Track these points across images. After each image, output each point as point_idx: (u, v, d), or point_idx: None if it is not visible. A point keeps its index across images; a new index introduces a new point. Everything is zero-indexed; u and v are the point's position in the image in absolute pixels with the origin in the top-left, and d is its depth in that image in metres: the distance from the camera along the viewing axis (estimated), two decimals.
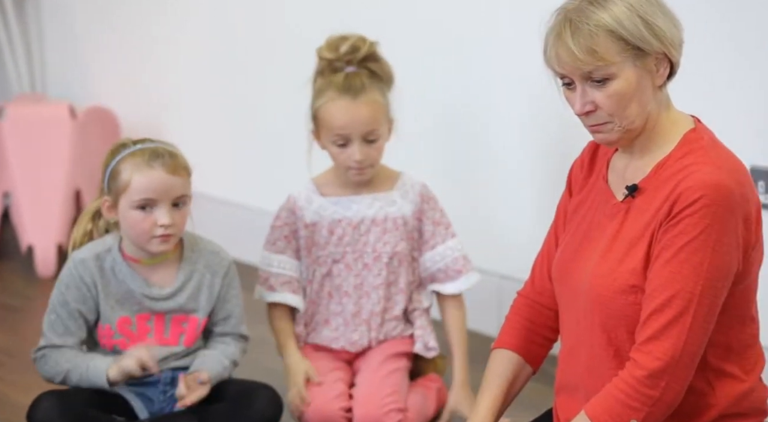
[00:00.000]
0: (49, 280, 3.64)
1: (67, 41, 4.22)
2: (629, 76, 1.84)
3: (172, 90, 3.95)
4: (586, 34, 1.82)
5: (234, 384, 2.46)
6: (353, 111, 2.55)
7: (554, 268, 2.01)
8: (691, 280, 1.81)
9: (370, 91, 2.58)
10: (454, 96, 3.21)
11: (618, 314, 1.88)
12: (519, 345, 2.07)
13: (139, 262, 2.42)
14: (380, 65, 2.62)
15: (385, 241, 2.62)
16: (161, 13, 3.92)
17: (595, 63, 1.82)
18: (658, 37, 1.83)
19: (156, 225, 2.35)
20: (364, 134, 2.56)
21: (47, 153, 3.78)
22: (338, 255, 2.63)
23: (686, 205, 1.82)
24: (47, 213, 3.73)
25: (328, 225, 2.62)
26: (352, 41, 2.59)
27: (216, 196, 3.76)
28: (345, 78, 2.57)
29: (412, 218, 2.64)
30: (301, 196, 2.64)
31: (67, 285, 2.41)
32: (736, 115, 2.64)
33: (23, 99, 4.07)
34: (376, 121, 2.57)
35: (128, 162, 2.36)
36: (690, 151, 1.87)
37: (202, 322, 2.45)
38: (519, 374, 2.07)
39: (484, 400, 2.04)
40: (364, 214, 2.62)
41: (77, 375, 2.39)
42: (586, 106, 1.86)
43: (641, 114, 1.86)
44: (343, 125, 2.55)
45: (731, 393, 1.89)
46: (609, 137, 1.89)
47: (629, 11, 1.82)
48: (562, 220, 2.05)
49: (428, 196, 2.66)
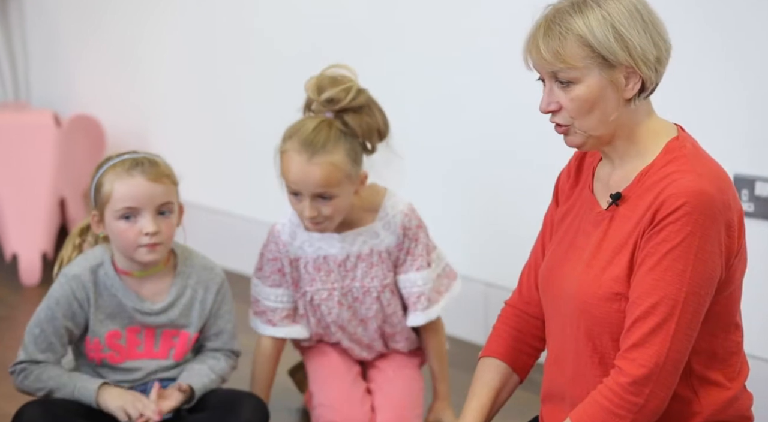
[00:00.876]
0: (33, 289, 3.62)
1: (52, 49, 4.21)
2: (592, 84, 1.85)
3: (157, 98, 3.94)
4: (555, 35, 1.84)
5: (218, 393, 2.44)
6: (305, 170, 2.44)
7: (540, 276, 2.01)
8: (674, 287, 1.82)
9: (331, 150, 2.44)
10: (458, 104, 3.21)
11: (602, 321, 1.88)
12: (506, 354, 2.07)
13: (131, 275, 2.41)
14: (359, 118, 2.48)
15: (372, 276, 2.58)
16: (146, 22, 3.92)
17: (558, 64, 1.84)
18: (627, 50, 1.84)
19: (141, 233, 2.34)
20: (314, 193, 2.46)
21: (32, 161, 3.77)
22: (325, 293, 2.59)
23: (669, 213, 1.82)
24: (32, 222, 3.72)
25: (313, 261, 2.58)
26: (334, 92, 2.46)
27: (202, 204, 3.76)
28: (313, 129, 2.46)
29: (395, 248, 2.59)
30: (284, 231, 2.58)
31: (58, 301, 2.39)
32: (720, 124, 2.65)
33: (7, 107, 4.07)
34: (329, 183, 2.45)
35: (109, 173, 2.36)
36: (673, 159, 1.88)
37: (193, 337, 2.45)
38: (506, 383, 2.07)
39: (471, 408, 2.05)
40: (349, 251, 2.57)
41: (62, 394, 2.38)
42: (551, 105, 1.88)
43: (603, 122, 1.87)
44: (295, 180, 2.46)
45: (716, 400, 1.90)
46: (573, 140, 1.90)
47: (603, 21, 1.83)
48: (549, 230, 2.05)
49: (409, 226, 2.58)
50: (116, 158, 2.39)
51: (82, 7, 4.10)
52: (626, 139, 1.90)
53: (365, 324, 2.62)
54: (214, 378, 2.44)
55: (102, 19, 4.04)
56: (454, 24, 3.15)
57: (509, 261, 2.89)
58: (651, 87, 1.88)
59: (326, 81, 2.50)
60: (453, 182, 3.22)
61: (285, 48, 3.52)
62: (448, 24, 3.17)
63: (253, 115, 3.66)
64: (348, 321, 2.61)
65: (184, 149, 3.79)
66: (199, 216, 3.71)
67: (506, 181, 3.12)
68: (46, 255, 3.68)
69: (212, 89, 3.77)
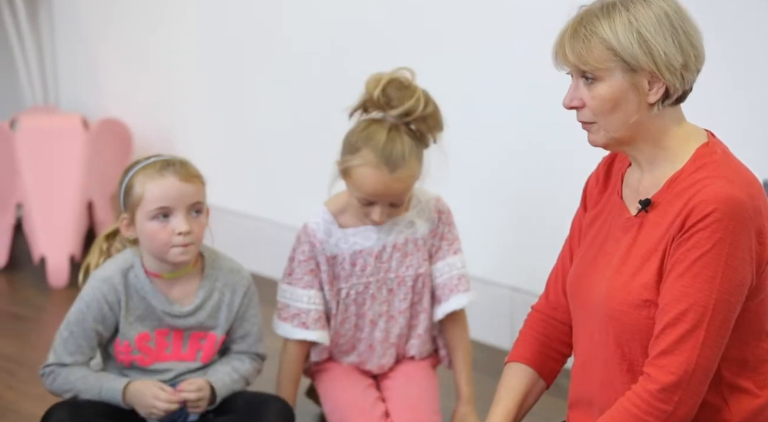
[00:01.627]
0: (60, 291, 3.64)
1: (80, 54, 4.23)
2: (614, 84, 1.86)
3: (184, 102, 3.96)
4: (581, 37, 1.85)
5: (244, 396, 2.45)
6: (387, 185, 2.45)
7: (569, 283, 2.01)
8: (704, 294, 1.81)
9: (409, 162, 2.44)
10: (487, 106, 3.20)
11: (632, 328, 1.88)
12: (533, 359, 2.07)
13: (160, 277, 2.42)
14: (427, 125, 2.48)
15: (407, 265, 2.59)
16: (174, 26, 3.94)
17: (582, 66, 1.86)
18: (651, 55, 1.84)
19: (174, 233, 2.35)
20: (390, 202, 2.50)
21: (60, 164, 3.79)
22: (361, 287, 2.59)
23: (699, 219, 1.82)
24: (59, 225, 3.73)
25: (349, 257, 2.58)
26: (408, 106, 2.44)
27: (228, 208, 3.77)
28: (387, 141, 2.44)
29: (430, 236, 2.61)
30: (319, 229, 2.57)
31: (89, 304, 2.39)
32: (751, 129, 2.64)
33: (36, 111, 4.09)
34: (407, 191, 2.50)
35: (140, 175, 2.37)
36: (703, 165, 1.87)
37: (219, 340, 2.45)
38: (532, 388, 2.07)
39: (497, 413, 2.04)
40: (385, 242, 2.57)
41: (89, 395, 2.39)
42: (573, 101, 1.89)
43: (624, 124, 1.87)
44: (373, 193, 2.47)
45: (745, 408, 1.89)
46: (595, 139, 1.90)
47: (629, 25, 1.84)
48: (577, 236, 2.05)
49: (443, 210, 2.62)
50: (144, 161, 2.40)
51: (111, 12, 4.12)
52: (652, 144, 1.90)
53: (394, 319, 2.61)
54: (236, 379, 2.44)
55: (130, 24, 4.06)
56: (478, 24, 3.15)
57: (535, 265, 2.89)
58: (676, 94, 1.88)
59: (392, 86, 2.47)
60: (480, 187, 3.21)
61: (308, 51, 3.52)
62: (472, 24, 3.17)
63: (279, 118, 3.67)
64: (379, 315, 2.60)
65: (211, 152, 3.80)
66: (225, 219, 3.72)
67: (533, 186, 3.11)
68: (74, 258, 3.70)
69: (238, 93, 3.78)
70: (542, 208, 3.10)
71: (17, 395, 2.88)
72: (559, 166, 3.04)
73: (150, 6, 3.99)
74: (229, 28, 3.77)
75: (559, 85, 1.94)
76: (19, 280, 3.76)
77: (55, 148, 3.79)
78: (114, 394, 2.37)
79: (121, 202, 2.40)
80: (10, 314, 3.46)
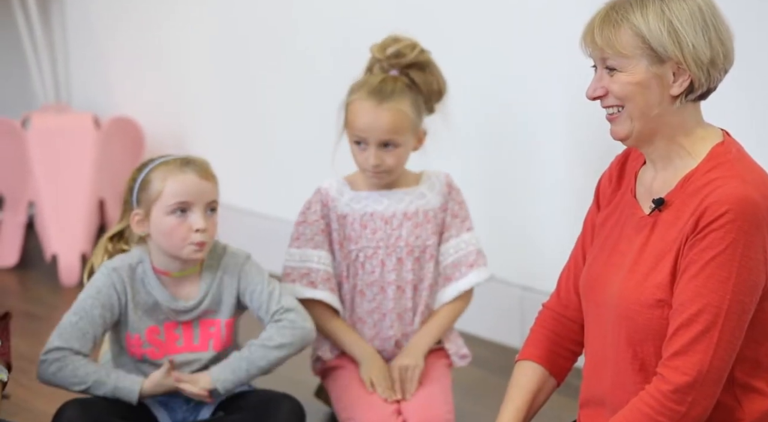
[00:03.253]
0: (72, 289, 3.65)
1: (92, 52, 4.24)
2: (638, 73, 1.86)
3: (195, 100, 3.96)
4: (611, 22, 1.86)
5: (256, 395, 2.46)
6: (374, 115, 2.54)
7: (582, 282, 2.00)
8: (718, 295, 1.81)
9: (398, 99, 2.56)
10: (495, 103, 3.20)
11: (644, 328, 1.87)
12: (544, 357, 2.07)
13: (169, 275, 2.43)
14: (425, 76, 2.59)
15: (417, 235, 2.61)
16: (185, 24, 3.94)
17: (608, 51, 1.86)
18: (679, 45, 1.84)
19: (191, 230, 2.36)
20: (381, 140, 2.55)
21: (71, 163, 3.80)
22: (370, 251, 2.61)
23: (712, 220, 1.81)
24: (71, 223, 3.74)
25: (360, 218, 2.61)
26: (400, 46, 2.59)
27: (241, 207, 3.77)
28: (380, 81, 2.56)
29: (441, 210, 2.64)
30: (332, 188, 2.63)
31: (99, 289, 2.41)
32: (752, 130, 2.63)
33: (48, 109, 4.09)
34: (397, 130, 2.55)
35: (159, 171, 2.39)
36: (717, 164, 1.87)
37: (226, 324, 2.45)
38: (543, 386, 2.06)
39: (508, 412, 2.04)
40: (396, 208, 2.61)
41: (101, 392, 2.39)
42: (597, 91, 1.90)
43: (646, 114, 1.87)
44: (363, 127, 2.55)
45: (759, 409, 1.88)
46: (619, 129, 1.90)
47: (661, 14, 1.84)
48: (590, 234, 2.05)
49: (453, 186, 2.66)
50: (159, 159, 2.42)
51: (122, 11, 4.13)
52: (669, 140, 1.90)
53: (402, 290, 2.62)
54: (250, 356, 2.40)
55: (141, 22, 4.07)
56: (485, 20, 3.15)
57: (546, 264, 2.89)
58: (700, 89, 1.87)
59: (389, 40, 2.60)
60: (490, 185, 3.21)
61: (325, 48, 3.52)
62: (479, 20, 3.17)
63: (291, 116, 3.67)
64: (388, 283, 2.61)
65: (222, 150, 3.80)
66: (238, 219, 3.73)
67: (543, 185, 3.11)
68: (86, 256, 3.71)
69: (250, 90, 3.78)
70: (554, 206, 3.10)
71: (29, 393, 2.89)
72: (570, 165, 3.03)
73: (161, 5, 4.00)
74: (240, 26, 3.77)
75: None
76: (31, 278, 3.77)
77: (67, 146, 3.80)
78: (131, 391, 2.37)
79: (134, 198, 2.41)
80: (22, 312, 3.47)
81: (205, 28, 3.88)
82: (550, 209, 3.09)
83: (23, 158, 3.82)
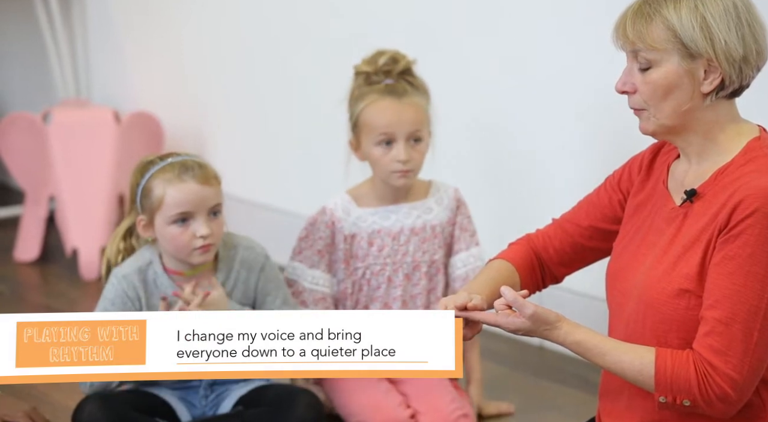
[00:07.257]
0: (92, 283, 3.67)
1: (112, 48, 4.25)
2: (669, 69, 1.84)
3: (214, 96, 3.97)
4: (644, 15, 1.85)
5: (274, 389, 2.47)
6: (399, 109, 2.55)
7: (609, 270, 1.99)
8: (756, 293, 1.79)
9: (413, 95, 2.59)
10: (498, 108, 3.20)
11: (669, 318, 1.86)
12: (521, 262, 2.04)
13: (182, 275, 2.43)
14: (416, 80, 2.63)
15: (424, 250, 2.62)
16: (204, 20, 3.95)
17: (639, 44, 1.84)
18: (711, 42, 1.82)
19: (195, 237, 2.36)
20: (409, 134, 2.56)
21: (92, 157, 3.81)
22: (377, 267, 2.62)
23: (745, 216, 1.79)
24: (91, 217, 3.76)
25: (367, 236, 2.61)
26: (390, 54, 2.61)
27: (258, 201, 3.78)
28: (386, 85, 2.59)
29: (448, 224, 2.64)
30: (338, 207, 2.63)
31: (112, 301, 2.41)
32: None
33: (69, 104, 4.11)
34: (421, 122, 2.57)
35: (159, 178, 2.38)
36: (752, 158, 1.85)
37: None
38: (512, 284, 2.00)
39: (475, 285, 1.98)
40: (403, 224, 2.61)
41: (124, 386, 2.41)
42: (626, 85, 1.88)
43: (676, 112, 1.85)
44: (389, 123, 2.55)
45: None
46: (645, 126, 1.89)
47: (695, 10, 1.83)
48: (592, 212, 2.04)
49: (461, 200, 2.67)
50: (160, 162, 2.40)
51: (143, 6, 4.14)
52: (703, 137, 1.88)
53: (407, 305, 2.62)
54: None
55: (161, 18, 4.08)
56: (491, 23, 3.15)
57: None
58: (732, 86, 1.86)
59: (375, 54, 2.62)
60: (496, 184, 3.20)
61: (342, 43, 3.53)
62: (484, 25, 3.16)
63: (310, 111, 3.67)
64: (393, 299, 2.62)
65: (241, 146, 3.81)
66: (254, 213, 3.73)
67: (550, 183, 3.10)
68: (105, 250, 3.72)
69: (270, 85, 3.79)
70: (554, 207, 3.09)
71: (49, 387, 2.90)
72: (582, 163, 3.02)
73: (180, 1, 4.00)
74: (263, 20, 3.78)
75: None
76: (52, 272, 3.79)
77: (87, 141, 3.82)
78: None
79: (138, 204, 2.41)
80: (43, 306, 3.49)
81: (223, 22, 3.89)
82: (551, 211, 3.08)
83: (44, 153, 3.84)
